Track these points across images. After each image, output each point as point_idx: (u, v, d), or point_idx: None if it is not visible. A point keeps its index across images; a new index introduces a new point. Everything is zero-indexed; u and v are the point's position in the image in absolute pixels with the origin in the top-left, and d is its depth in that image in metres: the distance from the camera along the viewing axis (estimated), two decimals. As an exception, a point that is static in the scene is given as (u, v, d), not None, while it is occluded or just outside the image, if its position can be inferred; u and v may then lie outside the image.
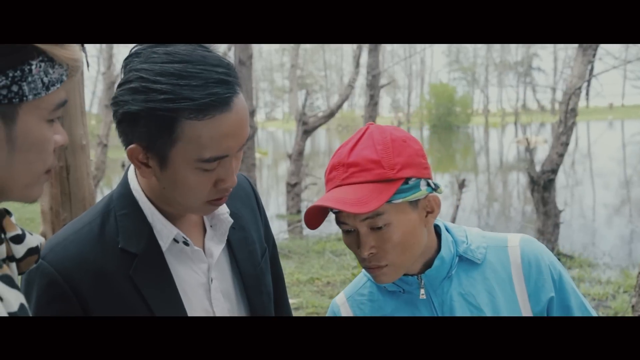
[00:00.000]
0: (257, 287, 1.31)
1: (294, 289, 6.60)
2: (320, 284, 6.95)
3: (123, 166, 22.45)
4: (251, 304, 1.30)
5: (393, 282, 1.29)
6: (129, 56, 1.09)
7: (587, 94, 8.15)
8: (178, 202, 1.15)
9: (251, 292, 1.30)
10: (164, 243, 1.18)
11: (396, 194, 1.18)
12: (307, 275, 7.22)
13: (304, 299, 6.10)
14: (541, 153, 11.87)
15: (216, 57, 1.08)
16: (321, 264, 7.95)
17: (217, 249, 1.26)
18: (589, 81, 7.65)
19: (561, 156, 7.44)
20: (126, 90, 1.06)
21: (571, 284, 1.33)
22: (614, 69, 8.42)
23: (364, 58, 12.43)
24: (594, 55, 7.39)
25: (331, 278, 7.12)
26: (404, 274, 1.30)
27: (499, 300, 1.29)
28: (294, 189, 12.24)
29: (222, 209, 1.25)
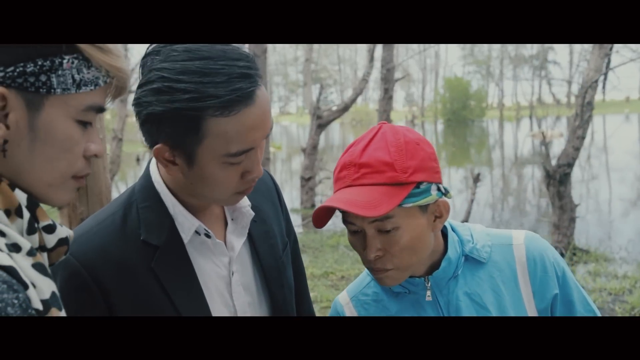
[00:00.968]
0: (279, 280, 1.32)
1: (308, 283, 6.57)
2: (334, 278, 6.96)
3: (138, 160, 22.60)
4: (272, 297, 1.30)
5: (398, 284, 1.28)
6: (147, 55, 1.08)
7: (604, 87, 8.06)
8: (205, 195, 1.16)
9: (272, 285, 1.30)
10: (186, 235, 1.19)
11: (407, 198, 1.16)
12: (322, 270, 7.22)
13: (318, 293, 6.11)
14: (557, 147, 11.76)
15: (236, 51, 1.08)
16: (335, 258, 7.96)
17: (238, 242, 1.26)
18: (605, 74, 7.57)
19: (577, 150, 7.37)
20: (149, 91, 1.05)
21: (573, 279, 1.34)
22: (631, 62, 8.32)
23: (378, 52, 12.42)
24: (610, 48, 7.31)
25: (345, 272, 7.13)
26: (410, 276, 1.29)
27: (505, 299, 1.29)
28: (308, 183, 12.25)
29: (244, 201, 1.26)
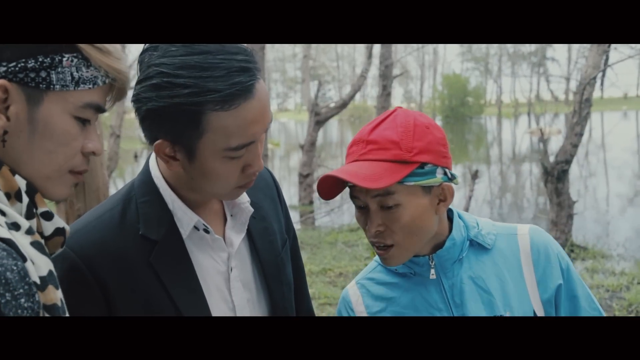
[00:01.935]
0: (278, 277, 1.32)
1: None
2: (332, 274, 6.97)
3: (136, 157, 22.58)
4: (271, 293, 1.30)
5: (403, 263, 1.30)
6: (145, 50, 1.08)
7: (602, 84, 8.05)
8: (206, 190, 1.16)
9: (271, 282, 1.30)
10: (185, 230, 1.19)
11: (409, 176, 1.20)
12: (320, 266, 7.23)
13: (316, 289, 6.12)
14: (555, 144, 11.77)
15: (234, 44, 1.07)
16: (333, 254, 7.96)
17: (237, 238, 1.26)
18: (604, 71, 7.57)
19: (575, 147, 7.39)
20: (148, 87, 1.04)
21: (577, 274, 1.37)
22: (629, 59, 8.32)
23: (376, 49, 12.40)
24: (609, 45, 7.31)
25: (343, 269, 7.13)
26: (415, 255, 1.31)
27: (508, 286, 1.32)
28: (306, 179, 12.25)
29: (243, 197, 1.26)
